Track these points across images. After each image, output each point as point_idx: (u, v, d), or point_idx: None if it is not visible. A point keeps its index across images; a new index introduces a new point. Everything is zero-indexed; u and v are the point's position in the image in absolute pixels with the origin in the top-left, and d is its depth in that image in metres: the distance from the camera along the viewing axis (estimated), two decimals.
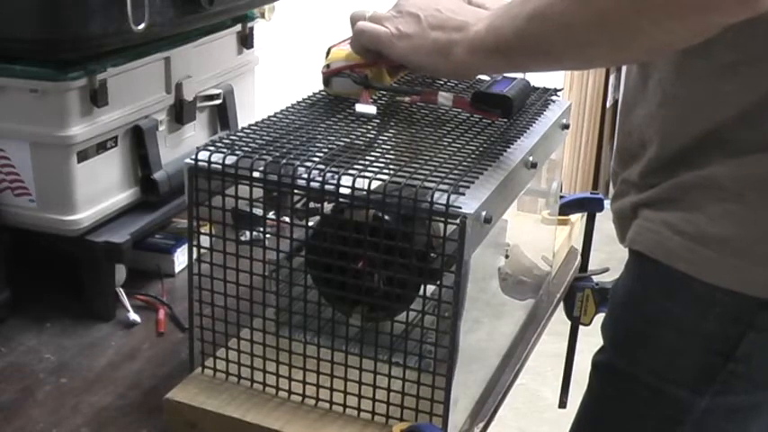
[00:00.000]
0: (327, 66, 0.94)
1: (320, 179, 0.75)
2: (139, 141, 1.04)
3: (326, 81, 0.95)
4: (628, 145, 0.91)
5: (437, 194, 0.72)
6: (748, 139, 0.79)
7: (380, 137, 0.85)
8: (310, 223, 0.80)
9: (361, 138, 0.84)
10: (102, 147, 0.99)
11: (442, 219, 0.72)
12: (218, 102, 1.19)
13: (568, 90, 3.34)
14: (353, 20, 0.92)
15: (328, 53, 0.95)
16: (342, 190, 0.74)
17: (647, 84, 0.87)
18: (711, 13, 0.68)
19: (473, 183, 0.75)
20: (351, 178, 0.74)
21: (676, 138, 0.83)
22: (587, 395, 0.98)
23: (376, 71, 0.94)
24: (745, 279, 0.80)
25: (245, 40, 1.24)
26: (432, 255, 0.77)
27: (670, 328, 0.86)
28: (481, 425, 0.84)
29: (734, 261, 0.80)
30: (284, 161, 0.77)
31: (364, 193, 0.73)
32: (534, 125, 0.93)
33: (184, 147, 1.13)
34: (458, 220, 0.71)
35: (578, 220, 1.25)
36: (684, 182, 0.83)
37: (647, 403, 0.89)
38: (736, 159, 0.80)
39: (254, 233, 0.81)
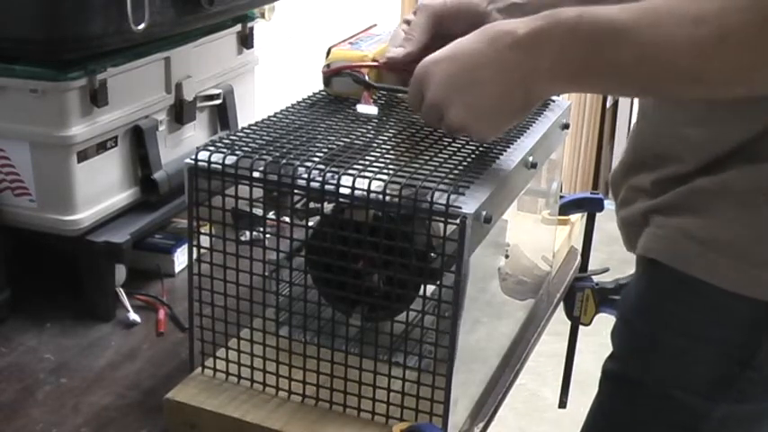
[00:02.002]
0: (328, 65, 0.94)
1: (320, 179, 0.75)
2: (139, 141, 1.04)
3: (327, 81, 0.95)
4: (645, 154, 0.89)
5: (437, 194, 0.72)
6: (765, 147, 0.78)
7: (380, 137, 0.85)
8: (310, 223, 0.80)
9: (361, 138, 0.84)
10: (102, 147, 0.99)
11: (442, 219, 0.72)
12: (218, 102, 1.19)
13: None
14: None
15: (328, 53, 0.96)
16: (342, 190, 0.74)
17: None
18: None
19: (473, 183, 0.75)
20: (351, 178, 0.74)
21: (702, 156, 0.82)
22: (596, 403, 0.97)
23: (376, 71, 0.94)
24: (762, 285, 0.79)
25: (245, 40, 1.24)
26: (432, 255, 0.77)
27: (685, 336, 0.85)
28: (481, 425, 0.84)
29: (749, 267, 0.79)
30: (284, 161, 0.77)
31: (364, 193, 0.73)
32: (534, 125, 0.93)
33: (184, 147, 1.13)
34: (458, 220, 0.71)
35: (578, 220, 1.25)
36: (699, 188, 0.82)
37: (661, 412, 0.88)
38: (752, 166, 0.79)
39: (254, 233, 0.81)
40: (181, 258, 1.10)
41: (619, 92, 0.82)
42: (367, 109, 0.89)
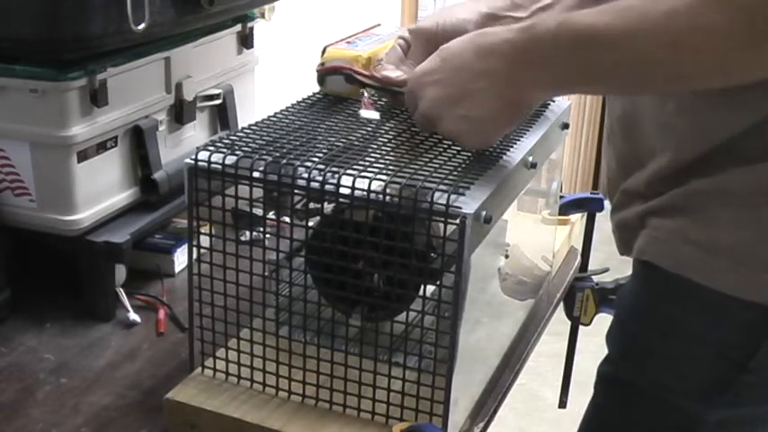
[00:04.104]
0: (322, 64, 0.95)
1: (320, 179, 0.75)
2: (139, 141, 1.04)
3: (320, 80, 0.95)
4: (633, 153, 0.89)
5: (437, 194, 0.72)
6: (761, 147, 0.78)
7: (380, 137, 0.85)
8: (310, 223, 0.80)
9: (361, 138, 0.85)
10: (102, 147, 0.99)
11: (442, 219, 0.72)
12: (218, 102, 1.19)
13: None
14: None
15: (324, 52, 0.96)
16: (342, 190, 0.74)
17: None
18: None
19: (473, 183, 0.75)
20: (351, 178, 0.74)
21: (691, 147, 0.82)
22: (592, 406, 0.97)
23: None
24: (759, 288, 0.79)
25: (245, 40, 1.24)
26: (432, 255, 0.77)
27: (682, 339, 0.85)
28: (481, 425, 0.84)
29: (747, 270, 0.79)
30: (284, 161, 0.77)
31: (364, 193, 0.73)
32: (534, 125, 0.93)
33: (184, 147, 1.13)
34: (458, 220, 0.71)
35: (578, 220, 1.25)
36: (695, 189, 0.81)
37: (657, 416, 0.88)
38: (748, 167, 0.78)
39: (254, 233, 0.81)
40: (181, 258, 1.10)
41: (606, 92, 0.86)
42: (369, 114, 0.89)
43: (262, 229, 0.81)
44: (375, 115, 0.89)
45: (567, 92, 0.80)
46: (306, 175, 0.75)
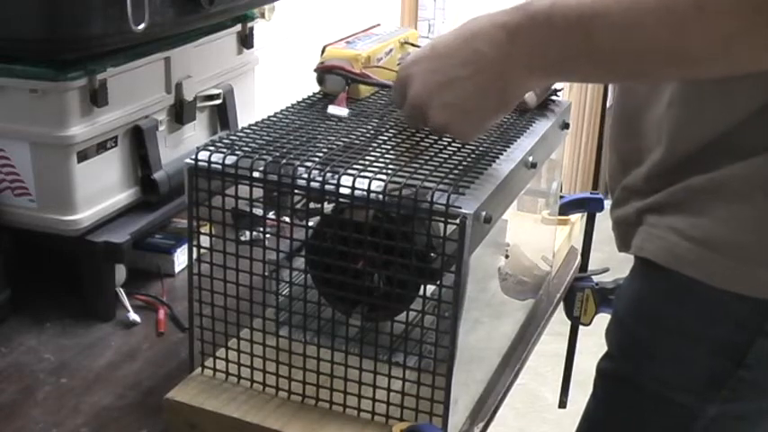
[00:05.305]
0: (322, 63, 0.95)
1: (320, 179, 0.75)
2: (139, 141, 1.04)
3: (320, 79, 0.95)
4: (631, 149, 0.89)
5: (437, 194, 0.72)
6: (756, 140, 0.78)
7: (380, 137, 0.85)
8: (310, 223, 0.80)
9: (361, 138, 0.84)
10: (102, 147, 0.99)
11: (442, 219, 0.72)
12: (218, 102, 1.19)
13: (568, 90, 3.34)
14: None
15: (323, 52, 0.96)
16: (342, 190, 0.74)
17: (656, 86, 0.85)
18: None
19: (473, 182, 0.75)
20: (351, 178, 0.74)
21: (685, 140, 0.82)
22: (592, 402, 0.97)
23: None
24: (755, 283, 0.79)
25: (245, 40, 1.24)
26: (432, 255, 0.77)
27: (678, 335, 0.85)
28: (481, 425, 0.84)
29: (743, 265, 0.79)
30: (284, 161, 0.77)
31: (364, 193, 0.73)
32: (534, 125, 0.93)
33: (184, 147, 1.13)
34: (458, 220, 0.71)
35: (578, 220, 1.25)
36: (691, 185, 0.82)
37: (655, 411, 0.88)
38: (743, 161, 0.79)
39: (254, 233, 0.81)
40: (181, 258, 1.10)
41: (601, 79, 0.82)
42: (338, 111, 0.89)
43: (262, 229, 0.81)
44: (344, 112, 0.89)
45: (559, 78, 0.76)
46: (306, 175, 0.75)
